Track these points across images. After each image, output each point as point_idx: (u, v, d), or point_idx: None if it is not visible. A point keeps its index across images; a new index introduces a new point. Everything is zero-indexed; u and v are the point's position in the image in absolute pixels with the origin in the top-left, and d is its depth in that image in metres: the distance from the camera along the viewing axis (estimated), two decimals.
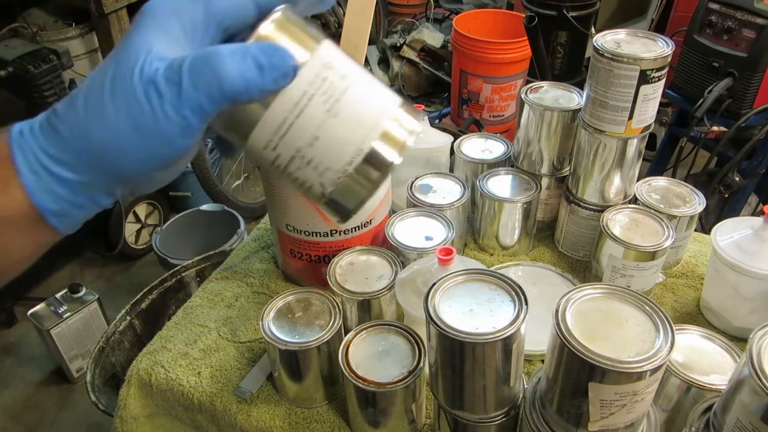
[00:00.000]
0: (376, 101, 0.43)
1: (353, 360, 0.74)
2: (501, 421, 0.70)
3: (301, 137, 0.41)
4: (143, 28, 0.39)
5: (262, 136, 0.41)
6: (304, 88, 0.41)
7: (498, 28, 2.70)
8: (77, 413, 1.98)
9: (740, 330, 0.92)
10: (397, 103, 0.44)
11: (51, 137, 0.38)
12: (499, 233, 1.07)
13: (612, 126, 0.93)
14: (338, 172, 0.42)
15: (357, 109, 0.42)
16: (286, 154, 0.42)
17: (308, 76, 0.41)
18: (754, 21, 1.78)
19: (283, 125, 0.41)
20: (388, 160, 0.43)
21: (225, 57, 0.38)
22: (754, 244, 0.88)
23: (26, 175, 0.37)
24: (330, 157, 0.42)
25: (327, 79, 0.41)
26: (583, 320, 0.60)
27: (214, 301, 1.03)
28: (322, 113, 0.41)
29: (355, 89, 0.42)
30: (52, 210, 0.38)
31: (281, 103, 0.40)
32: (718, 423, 0.60)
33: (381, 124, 0.42)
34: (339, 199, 0.44)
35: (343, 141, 0.41)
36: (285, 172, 0.43)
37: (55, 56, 1.95)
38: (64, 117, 0.38)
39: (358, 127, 0.42)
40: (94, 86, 0.38)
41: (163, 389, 0.91)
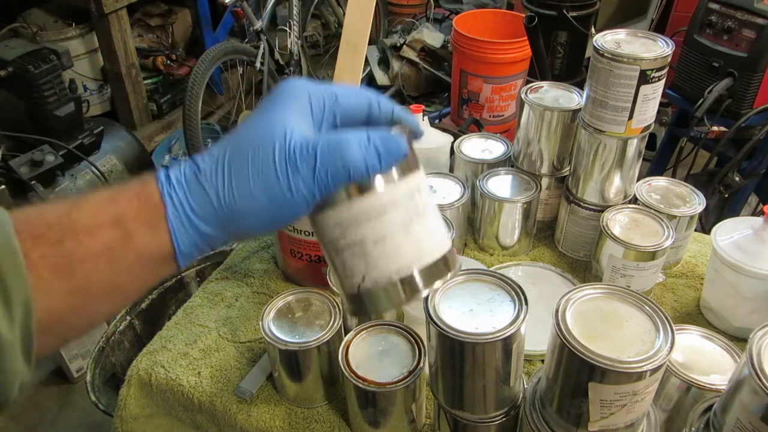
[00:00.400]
0: (437, 238, 0.49)
1: (353, 360, 0.74)
2: (501, 421, 0.70)
3: (371, 233, 0.46)
4: (283, 105, 0.46)
5: (339, 215, 0.46)
6: (396, 197, 0.46)
7: (498, 28, 2.70)
8: (77, 413, 1.98)
9: (740, 330, 0.92)
10: (447, 248, 0.50)
11: (197, 193, 0.44)
12: (499, 233, 1.07)
13: (612, 126, 0.93)
14: (383, 274, 0.47)
15: (423, 235, 0.48)
16: (351, 238, 0.47)
17: (403, 189, 0.47)
18: (754, 21, 1.78)
19: (363, 216, 0.46)
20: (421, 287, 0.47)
21: (353, 144, 0.44)
22: (754, 244, 0.88)
23: (173, 222, 0.44)
24: (384, 259, 0.47)
25: (414, 199, 0.47)
26: (583, 320, 0.60)
27: (214, 301, 1.03)
28: (398, 223, 0.46)
29: (428, 218, 0.49)
30: (184, 252, 0.45)
31: (372, 199, 0.46)
32: (718, 423, 0.60)
33: (435, 255, 0.48)
34: (366, 297, 0.48)
35: (402, 253, 0.47)
36: (338, 250, 0.48)
37: (55, 56, 1.95)
38: (209, 177, 0.44)
39: (417, 249, 0.47)
40: (237, 154, 0.44)
41: (163, 389, 0.91)
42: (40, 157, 1.87)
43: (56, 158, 1.90)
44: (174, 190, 0.44)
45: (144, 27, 2.96)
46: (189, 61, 2.96)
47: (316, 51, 3.63)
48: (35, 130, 1.98)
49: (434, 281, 0.48)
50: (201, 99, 2.26)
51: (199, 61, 2.30)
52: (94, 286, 0.42)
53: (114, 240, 0.43)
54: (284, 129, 0.44)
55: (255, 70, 2.57)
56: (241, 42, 2.82)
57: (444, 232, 0.50)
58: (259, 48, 2.53)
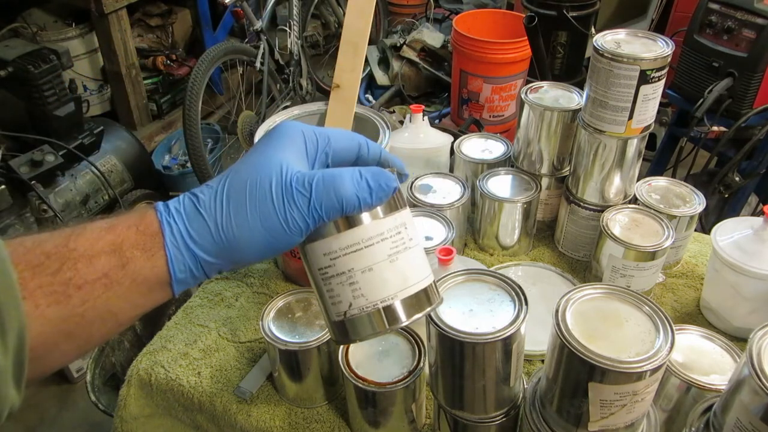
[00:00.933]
0: (420, 272, 0.52)
1: (353, 360, 0.74)
2: (501, 421, 0.70)
3: (359, 263, 0.49)
4: (279, 144, 0.49)
5: (329, 246, 0.49)
6: (383, 230, 0.50)
7: (498, 28, 2.70)
8: (77, 413, 1.98)
9: (740, 330, 0.92)
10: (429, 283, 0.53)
11: (195, 222, 0.46)
12: (499, 233, 1.07)
13: (612, 126, 0.93)
14: (369, 303, 0.50)
15: (408, 267, 0.51)
16: (339, 268, 0.50)
17: (389, 224, 0.50)
18: (754, 21, 1.78)
19: (352, 246, 0.49)
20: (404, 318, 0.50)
21: (346, 179, 0.47)
22: (754, 244, 0.88)
23: (171, 249, 0.46)
24: (370, 289, 0.50)
25: (400, 233, 0.51)
26: (583, 320, 0.60)
27: (214, 301, 1.03)
28: (385, 255, 0.50)
29: (413, 252, 0.52)
30: (179, 279, 0.47)
31: (361, 231, 0.49)
32: (718, 423, 0.60)
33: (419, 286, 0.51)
34: (350, 325, 0.51)
35: (387, 283, 0.50)
36: (326, 279, 0.51)
37: (55, 56, 1.95)
38: (208, 207, 0.47)
39: (402, 280, 0.50)
40: (235, 187, 0.47)
41: (163, 389, 0.91)
42: (40, 157, 1.87)
43: (56, 158, 1.90)
44: (173, 218, 0.46)
45: (144, 27, 2.96)
46: (189, 61, 2.96)
47: (316, 51, 3.63)
48: (35, 130, 1.98)
49: (416, 312, 0.51)
50: (201, 99, 2.26)
51: (199, 61, 2.30)
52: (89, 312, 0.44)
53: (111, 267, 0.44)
54: (281, 164, 0.47)
55: (255, 70, 2.57)
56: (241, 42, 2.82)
57: (427, 268, 0.53)
58: (259, 48, 2.53)
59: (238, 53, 2.54)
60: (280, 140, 0.50)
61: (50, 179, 1.94)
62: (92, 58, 2.71)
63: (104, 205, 2.12)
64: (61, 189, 1.99)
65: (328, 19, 3.48)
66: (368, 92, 3.19)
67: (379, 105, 3.04)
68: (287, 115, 1.00)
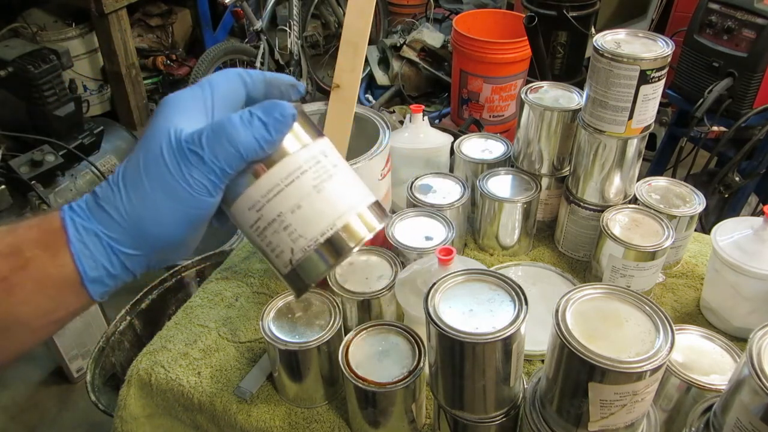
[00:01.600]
0: (355, 192, 0.50)
1: (353, 360, 0.74)
2: (501, 421, 0.70)
3: (286, 203, 0.47)
4: (165, 113, 0.46)
5: (251, 197, 0.47)
6: (300, 163, 0.48)
7: (498, 28, 2.70)
8: (77, 413, 1.98)
9: (740, 330, 0.92)
10: (371, 201, 0.51)
11: (98, 214, 0.44)
12: (499, 233, 1.07)
13: (612, 126, 0.93)
14: (310, 240, 0.48)
15: (339, 192, 0.49)
16: (268, 216, 0.48)
17: (305, 155, 0.48)
18: (754, 21, 1.78)
19: (273, 190, 0.47)
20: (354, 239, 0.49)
21: (236, 123, 0.45)
22: (754, 244, 0.88)
23: (75, 245, 0.43)
24: (306, 226, 0.48)
25: (320, 162, 0.49)
26: (583, 320, 0.60)
27: (214, 301, 1.03)
28: (310, 187, 0.48)
29: (341, 177, 0.50)
30: (92, 277, 0.44)
31: (277, 171, 0.47)
32: (718, 423, 0.60)
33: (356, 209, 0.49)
34: (301, 270, 0.49)
35: (321, 214, 0.48)
36: (262, 234, 0.49)
37: (55, 56, 1.95)
38: (107, 196, 0.44)
39: (336, 206, 0.48)
40: (129, 167, 0.45)
41: (163, 389, 0.91)
42: (40, 157, 1.87)
43: (56, 158, 1.90)
44: (76, 214, 0.44)
45: (144, 27, 2.96)
46: (189, 61, 2.96)
47: (316, 51, 3.63)
48: (35, 130, 1.98)
49: (362, 234, 0.49)
50: None
51: (199, 61, 2.30)
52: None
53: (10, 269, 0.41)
54: (168, 129, 0.45)
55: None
56: (241, 42, 2.82)
57: (364, 191, 0.51)
58: (259, 48, 2.53)
59: (238, 53, 2.55)
60: (166, 107, 0.47)
61: (50, 179, 1.94)
62: (92, 58, 2.71)
63: None
64: (61, 189, 1.99)
65: (328, 19, 3.48)
66: (368, 92, 3.19)
67: (379, 105, 3.04)
68: None
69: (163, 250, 0.46)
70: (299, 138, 0.48)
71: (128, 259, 0.45)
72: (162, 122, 0.45)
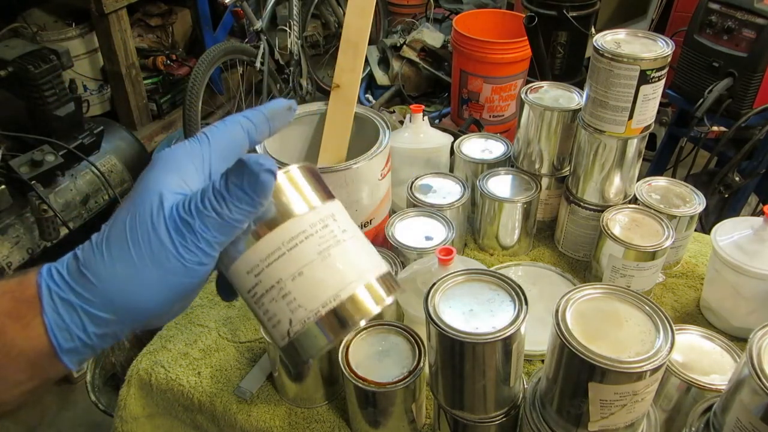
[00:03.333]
0: (365, 261, 0.46)
1: (353, 360, 0.74)
2: (501, 421, 0.70)
3: (286, 270, 0.43)
4: (157, 172, 0.43)
5: (249, 260, 0.44)
6: (305, 227, 0.44)
7: (498, 28, 2.70)
8: (77, 413, 1.98)
9: (740, 330, 0.92)
10: (382, 271, 0.47)
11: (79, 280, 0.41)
12: (499, 233, 1.07)
13: (612, 126, 0.93)
14: (309, 312, 0.43)
15: (346, 260, 0.44)
16: (267, 282, 0.44)
17: (312, 218, 0.44)
18: (754, 21, 1.78)
19: (273, 254, 0.43)
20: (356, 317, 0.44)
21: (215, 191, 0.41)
22: (754, 244, 0.88)
23: (50, 316, 0.40)
24: (306, 295, 0.43)
25: (328, 226, 0.45)
26: (583, 320, 0.60)
27: (214, 301, 1.03)
28: (314, 254, 0.44)
29: (350, 244, 0.45)
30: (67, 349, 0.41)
31: (278, 234, 0.43)
32: (718, 423, 0.60)
33: (362, 280, 0.45)
34: (299, 344, 0.45)
35: (323, 283, 0.43)
36: (259, 302, 0.45)
37: (55, 56, 1.95)
38: (88, 262, 0.41)
39: (342, 276, 0.44)
40: (115, 231, 0.41)
41: (163, 389, 0.91)
42: (40, 157, 1.87)
43: (56, 158, 1.90)
44: (54, 281, 0.41)
45: (144, 27, 2.96)
46: (189, 61, 2.96)
47: (316, 51, 3.63)
48: (35, 130, 1.98)
49: (369, 308, 0.44)
50: (201, 99, 2.26)
51: (199, 61, 2.30)
52: None
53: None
54: (159, 191, 0.42)
55: (255, 70, 2.57)
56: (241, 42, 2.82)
57: (375, 260, 0.47)
58: (259, 48, 2.53)
59: (238, 53, 2.54)
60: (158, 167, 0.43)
61: (50, 179, 1.94)
62: (92, 58, 2.71)
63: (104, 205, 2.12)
64: (61, 189, 1.99)
65: (328, 19, 3.48)
66: (368, 92, 3.19)
67: (379, 105, 3.04)
68: None
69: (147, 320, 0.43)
70: (306, 199, 0.45)
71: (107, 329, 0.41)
72: (153, 183, 0.42)
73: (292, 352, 0.45)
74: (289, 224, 0.43)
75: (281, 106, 0.50)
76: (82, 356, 0.42)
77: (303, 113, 1.01)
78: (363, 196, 0.92)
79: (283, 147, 1.00)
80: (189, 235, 0.41)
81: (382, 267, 0.47)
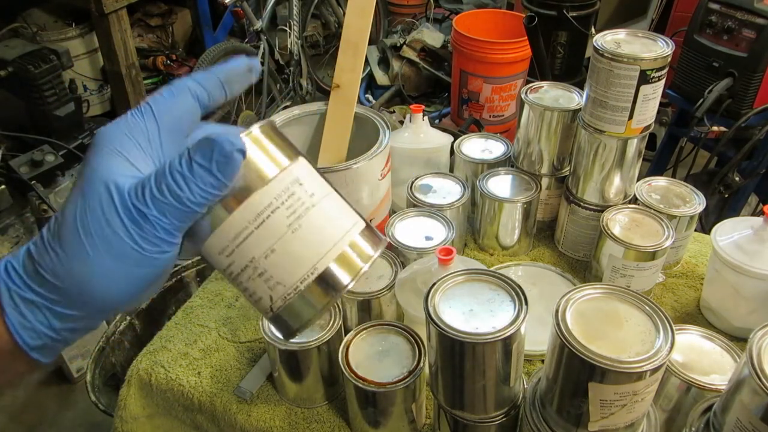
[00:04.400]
0: (339, 224, 0.43)
1: (353, 360, 0.74)
2: (501, 421, 0.70)
3: (258, 248, 0.41)
4: (101, 156, 0.39)
5: (218, 242, 0.41)
6: (270, 199, 0.41)
7: (498, 28, 2.70)
8: (77, 413, 1.98)
9: (740, 330, 0.92)
10: (360, 228, 0.44)
11: (36, 279, 0.39)
12: (499, 233, 1.07)
13: (612, 126, 0.93)
14: (289, 288, 0.42)
15: (318, 229, 0.42)
16: (240, 262, 0.41)
17: (276, 188, 0.41)
18: (754, 21, 1.78)
19: (242, 233, 0.41)
20: (340, 283, 0.42)
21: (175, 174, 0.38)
22: (754, 244, 0.88)
23: (11, 316, 0.38)
24: (283, 272, 0.41)
25: (294, 194, 0.41)
26: (583, 320, 0.60)
27: (214, 301, 1.03)
28: (283, 227, 0.41)
29: (321, 208, 0.42)
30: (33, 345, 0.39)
31: (244, 211, 0.40)
32: (718, 423, 0.60)
33: (339, 246, 0.42)
34: (285, 316, 0.43)
35: (298, 258, 0.41)
36: (236, 279, 0.43)
37: (55, 56, 1.95)
38: (43, 262, 0.38)
39: (316, 247, 0.42)
40: (66, 226, 0.38)
41: (163, 389, 0.91)
42: (40, 157, 1.87)
43: (56, 158, 1.90)
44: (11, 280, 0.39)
45: (144, 27, 2.96)
46: (189, 61, 2.96)
47: (316, 51, 3.63)
48: (35, 130, 1.98)
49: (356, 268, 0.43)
50: None
51: (199, 61, 2.30)
52: None
53: None
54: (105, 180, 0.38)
55: None
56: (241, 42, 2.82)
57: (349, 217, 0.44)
58: (259, 48, 2.53)
59: (238, 53, 2.54)
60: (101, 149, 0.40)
61: (50, 179, 1.94)
62: (92, 58, 2.71)
63: None
64: (61, 189, 1.99)
65: (328, 19, 3.48)
66: (368, 92, 3.19)
67: (379, 105, 3.04)
68: (287, 115, 1.00)
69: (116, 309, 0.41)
70: (267, 167, 0.41)
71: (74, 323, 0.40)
72: (98, 170, 0.39)
73: (279, 323, 0.44)
74: (253, 199, 0.40)
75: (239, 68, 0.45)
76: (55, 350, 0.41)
77: (303, 113, 1.01)
78: (363, 196, 0.92)
79: None
80: (146, 225, 0.38)
81: (358, 224, 0.45)
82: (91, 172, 0.39)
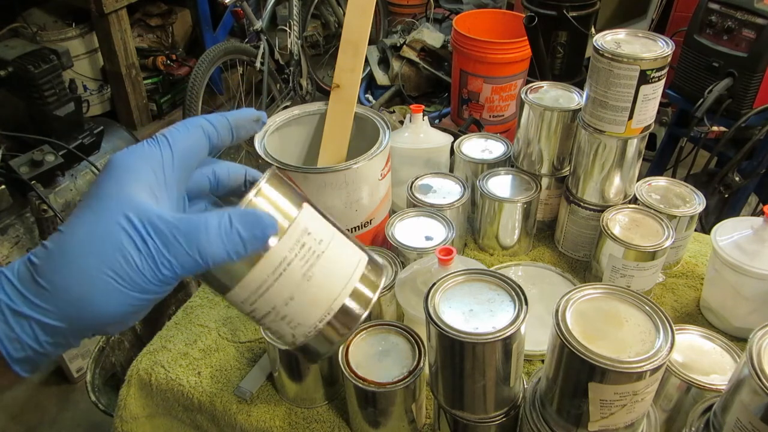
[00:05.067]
0: (348, 262, 0.48)
1: (353, 360, 0.74)
2: (501, 421, 0.70)
3: (278, 297, 0.45)
4: (120, 183, 0.40)
5: (241, 294, 0.45)
6: (285, 254, 0.44)
7: (498, 28, 2.70)
8: (77, 413, 1.98)
9: (740, 330, 0.92)
10: (365, 262, 0.49)
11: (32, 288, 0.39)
12: (499, 233, 1.07)
13: (612, 126, 0.93)
14: (310, 327, 0.46)
15: (330, 272, 0.46)
16: (263, 310, 0.46)
17: (288, 243, 0.44)
18: (754, 21, 1.78)
19: (262, 287, 0.44)
20: (356, 315, 0.47)
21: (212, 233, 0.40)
22: (754, 244, 0.88)
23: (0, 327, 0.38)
24: (303, 315, 0.46)
25: (305, 245, 0.45)
26: (583, 320, 0.60)
27: (214, 301, 1.03)
28: (299, 277, 0.45)
29: (329, 253, 0.46)
30: (16, 358, 0.39)
31: (262, 268, 0.44)
32: (718, 423, 0.60)
33: (351, 285, 0.47)
34: (309, 347, 0.48)
35: (315, 302, 0.46)
36: (260, 322, 0.47)
37: (55, 56, 1.95)
38: (44, 271, 0.39)
39: (330, 288, 0.46)
40: (75, 241, 0.39)
41: (163, 389, 0.91)
42: (40, 157, 1.87)
43: (56, 158, 1.90)
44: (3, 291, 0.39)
45: (144, 27, 2.96)
46: (189, 61, 2.96)
47: (316, 51, 3.63)
48: (35, 130, 1.98)
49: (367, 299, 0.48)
50: (201, 99, 2.26)
51: (199, 61, 2.30)
52: None
53: None
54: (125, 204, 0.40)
55: (255, 70, 2.57)
56: (241, 42, 2.82)
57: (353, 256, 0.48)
58: (259, 48, 2.53)
59: (238, 53, 2.54)
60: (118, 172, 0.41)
61: (50, 179, 1.94)
62: (92, 58, 2.71)
63: None
64: (61, 189, 1.99)
65: (328, 19, 3.48)
66: (368, 92, 3.19)
67: (379, 105, 3.04)
68: (287, 115, 1.00)
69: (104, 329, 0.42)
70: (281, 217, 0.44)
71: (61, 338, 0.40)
72: (117, 199, 0.40)
73: (305, 352, 0.48)
74: (269, 257, 0.44)
75: (248, 116, 0.49)
76: (35, 364, 0.41)
77: (303, 113, 1.01)
78: (363, 196, 0.92)
79: (283, 147, 1.00)
80: (159, 258, 0.39)
81: (362, 260, 0.49)
82: (108, 192, 0.40)
